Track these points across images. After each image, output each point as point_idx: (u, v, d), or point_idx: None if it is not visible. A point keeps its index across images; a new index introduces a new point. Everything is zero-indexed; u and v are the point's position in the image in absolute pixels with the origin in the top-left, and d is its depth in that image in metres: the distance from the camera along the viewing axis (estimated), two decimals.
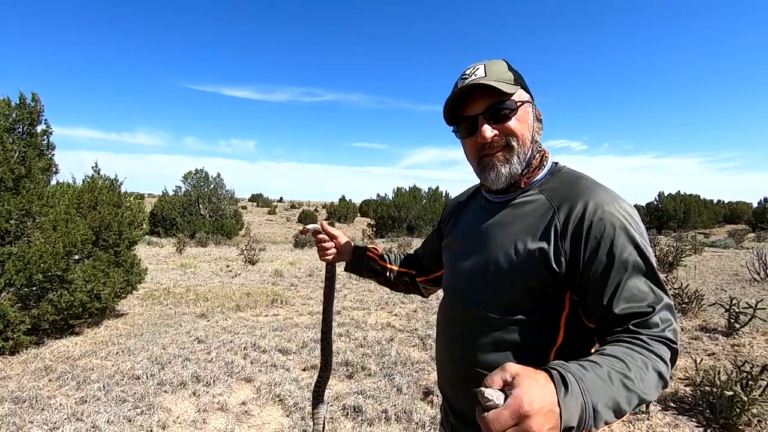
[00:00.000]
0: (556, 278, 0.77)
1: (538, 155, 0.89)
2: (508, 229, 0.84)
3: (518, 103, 0.84)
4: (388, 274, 1.21)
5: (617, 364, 0.62)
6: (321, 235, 1.18)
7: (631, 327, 0.70)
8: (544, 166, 0.90)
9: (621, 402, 0.58)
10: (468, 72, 0.87)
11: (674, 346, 0.69)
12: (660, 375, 0.65)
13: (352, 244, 1.22)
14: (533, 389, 0.50)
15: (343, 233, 1.21)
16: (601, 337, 0.74)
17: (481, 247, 0.88)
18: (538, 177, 0.89)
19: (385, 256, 1.24)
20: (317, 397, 1.20)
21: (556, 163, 0.92)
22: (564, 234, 0.77)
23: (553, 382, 0.54)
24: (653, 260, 0.74)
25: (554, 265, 0.76)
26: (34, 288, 3.96)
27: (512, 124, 0.84)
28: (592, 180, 0.84)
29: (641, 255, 0.73)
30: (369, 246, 1.25)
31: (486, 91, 0.83)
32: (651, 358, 0.65)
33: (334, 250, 1.19)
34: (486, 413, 0.49)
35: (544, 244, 0.78)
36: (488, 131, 0.83)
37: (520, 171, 0.86)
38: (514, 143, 0.85)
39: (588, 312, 0.76)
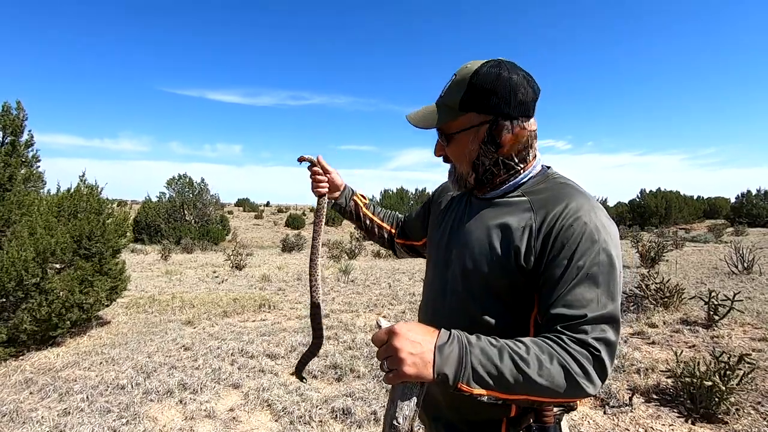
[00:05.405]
0: (524, 274, 0.78)
1: (502, 170, 0.87)
2: (487, 227, 0.86)
3: (450, 134, 0.88)
4: (367, 222, 1.27)
5: (517, 346, 0.67)
6: (316, 168, 1.21)
7: (558, 328, 0.71)
8: (520, 174, 0.88)
9: (506, 375, 0.64)
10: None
11: (597, 354, 0.67)
12: (568, 373, 0.65)
13: (345, 184, 1.26)
14: (413, 325, 0.66)
15: (338, 173, 1.24)
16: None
17: (460, 246, 0.90)
18: (521, 180, 0.88)
19: (370, 205, 1.30)
20: (301, 365, 1.14)
21: (548, 167, 0.93)
22: (538, 234, 0.78)
23: (438, 333, 0.66)
24: (616, 275, 0.74)
25: (523, 262, 0.78)
26: (10, 297, 3.86)
27: (448, 149, 0.91)
28: (577, 188, 0.85)
29: (601, 266, 0.73)
30: (357, 192, 1.29)
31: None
32: (561, 354, 0.66)
33: (326, 185, 1.21)
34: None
35: (517, 242, 0.79)
36: (437, 150, 0.94)
37: (473, 184, 0.91)
38: (452, 165, 0.93)
39: (538, 309, 0.79)
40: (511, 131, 0.83)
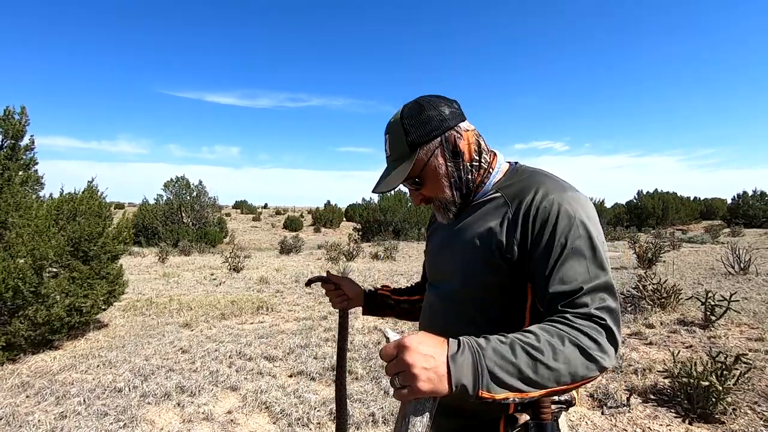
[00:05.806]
0: (512, 267, 0.80)
1: (476, 172, 0.92)
2: (469, 230, 0.89)
3: (418, 175, 0.90)
4: (404, 305, 1.25)
5: (526, 337, 0.65)
6: (327, 285, 1.22)
7: (559, 308, 0.72)
8: (491, 172, 0.93)
9: (524, 369, 0.62)
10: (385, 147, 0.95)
11: (604, 323, 0.68)
12: (582, 350, 0.65)
13: (362, 287, 1.25)
14: (423, 337, 0.62)
15: (349, 278, 1.24)
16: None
17: (450, 251, 0.93)
18: (494, 180, 0.92)
19: (397, 289, 1.28)
20: None
21: (516, 163, 0.97)
22: (515, 224, 0.81)
23: (447, 343, 0.62)
24: (599, 245, 0.76)
25: (507, 254, 0.80)
26: (8, 303, 3.85)
27: (424, 191, 0.93)
28: (545, 173, 0.89)
29: (582, 239, 0.75)
30: (379, 286, 1.29)
31: None
32: (570, 333, 0.66)
33: (343, 297, 1.21)
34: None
35: (499, 237, 0.82)
36: (416, 199, 0.96)
37: (460, 201, 0.92)
38: (436, 200, 0.94)
39: (536, 296, 0.80)
40: (461, 137, 0.89)
